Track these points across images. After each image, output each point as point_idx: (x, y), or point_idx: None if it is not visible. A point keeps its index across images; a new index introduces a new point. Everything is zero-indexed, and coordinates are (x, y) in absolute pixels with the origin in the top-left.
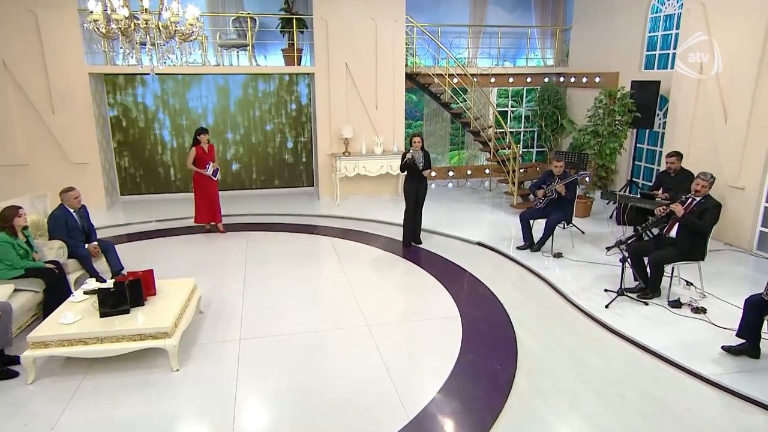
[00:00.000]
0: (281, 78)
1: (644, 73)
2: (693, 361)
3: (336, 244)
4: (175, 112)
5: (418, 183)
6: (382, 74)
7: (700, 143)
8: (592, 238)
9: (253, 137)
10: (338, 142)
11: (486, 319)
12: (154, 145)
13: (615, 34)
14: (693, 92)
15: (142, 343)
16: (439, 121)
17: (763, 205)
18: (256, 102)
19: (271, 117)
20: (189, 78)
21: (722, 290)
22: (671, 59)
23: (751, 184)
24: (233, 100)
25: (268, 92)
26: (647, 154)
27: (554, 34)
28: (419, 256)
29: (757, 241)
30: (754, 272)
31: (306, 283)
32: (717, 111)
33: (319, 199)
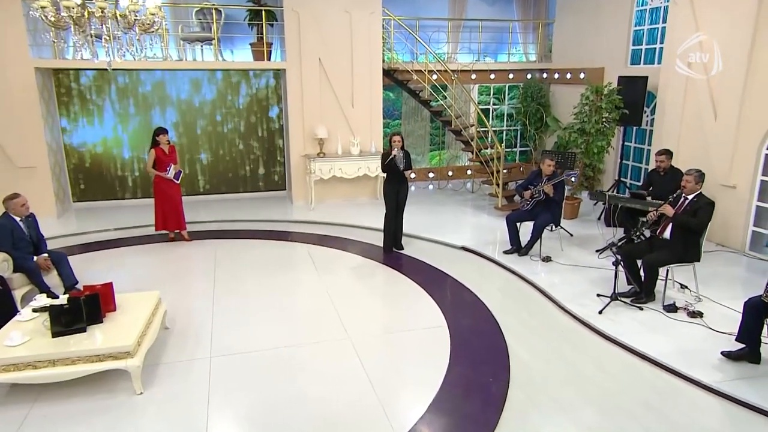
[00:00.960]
0: (250, 74)
1: (630, 69)
2: (692, 368)
3: (312, 252)
4: (133, 111)
5: (399, 185)
6: (358, 70)
7: (690, 141)
8: (581, 241)
9: (219, 137)
10: (312, 143)
11: (475, 328)
12: (111, 147)
13: (600, 28)
14: (681, 88)
15: (101, 364)
16: (418, 119)
17: (755, 203)
18: (222, 100)
19: (239, 116)
20: (149, 74)
21: (717, 292)
22: (658, 54)
23: (743, 182)
24: (197, 98)
25: (236, 89)
26: (635, 153)
27: (536, 29)
28: (401, 263)
29: (750, 241)
30: (748, 273)
31: (281, 294)
32: (706, 107)
33: (293, 204)
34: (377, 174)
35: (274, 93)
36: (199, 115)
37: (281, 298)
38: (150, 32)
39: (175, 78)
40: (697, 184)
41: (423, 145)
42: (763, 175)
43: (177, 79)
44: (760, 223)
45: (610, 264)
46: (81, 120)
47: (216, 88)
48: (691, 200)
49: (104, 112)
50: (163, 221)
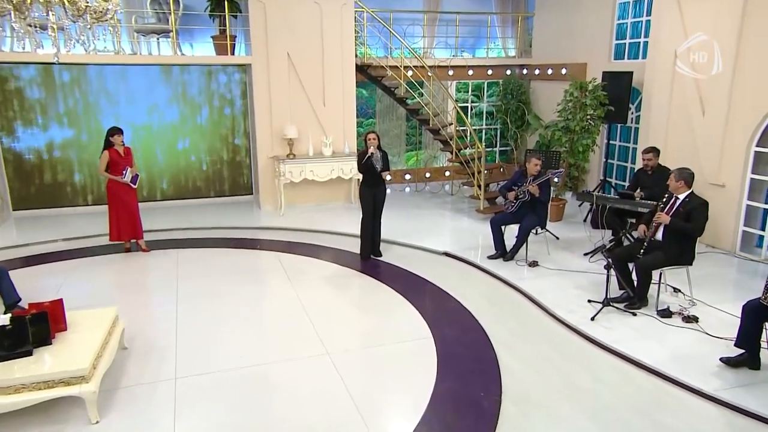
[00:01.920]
0: (212, 70)
1: (614, 64)
2: (690, 375)
3: (283, 260)
4: (82, 109)
5: (376, 187)
6: (329, 65)
7: (677, 138)
8: (567, 244)
9: (178, 138)
10: (281, 143)
11: (462, 339)
12: (56, 149)
13: (581, 22)
14: (668, 83)
15: (51, 391)
16: (393, 118)
17: (745, 203)
18: (182, 97)
19: (201, 115)
20: (100, 69)
21: (710, 296)
22: (643, 48)
23: (732, 180)
24: (154, 95)
25: (197, 85)
26: (620, 151)
27: (516, 22)
28: (380, 270)
29: (740, 241)
30: (741, 275)
31: (251, 307)
32: (694, 103)
33: (260, 209)
34: (351, 176)
35: (239, 90)
36: (157, 114)
37: (252, 312)
38: (103, 21)
39: (129, 74)
40: (678, 182)
41: (399, 145)
42: (753, 173)
43: (131, 75)
44: (749, 223)
45: (601, 268)
46: (21, 120)
47: (174, 84)
48: (682, 200)
49: (48, 110)
50: (118, 230)
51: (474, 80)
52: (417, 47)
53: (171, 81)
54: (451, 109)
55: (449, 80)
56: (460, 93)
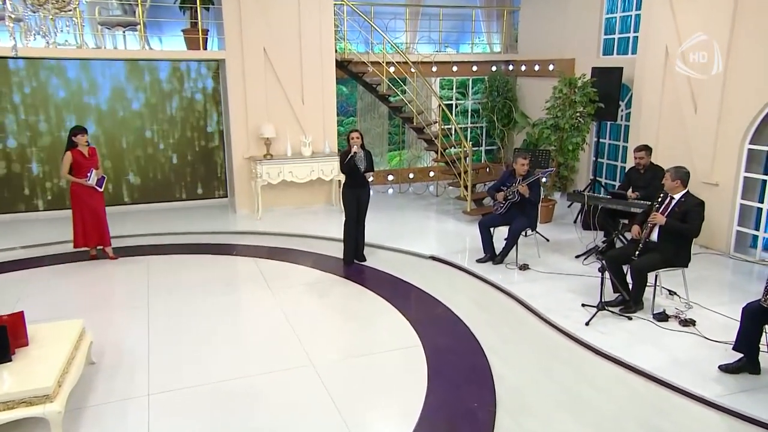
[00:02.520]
0: (184, 65)
1: (603, 60)
2: (690, 381)
3: (262, 266)
4: (42, 107)
5: (360, 189)
6: (308, 61)
7: (669, 136)
8: (558, 246)
9: (148, 139)
10: (258, 143)
11: (453, 346)
12: (14, 150)
13: (569, 16)
14: (659, 80)
15: (12, 412)
16: (375, 116)
17: (739, 202)
18: (151, 96)
19: (172, 113)
20: (61, 64)
21: (706, 298)
22: (632, 43)
23: (726, 179)
24: (120, 93)
25: (167, 82)
26: (609, 150)
27: (501, 16)
28: (365, 276)
29: (734, 242)
30: (736, 277)
31: (229, 317)
32: (685, 99)
33: (236, 213)
34: (332, 177)
35: (212, 87)
36: (124, 113)
37: (229, 322)
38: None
39: (92, 69)
40: (674, 181)
41: (381, 144)
42: (747, 171)
43: (95, 70)
44: (743, 223)
45: (594, 271)
46: None
47: (143, 81)
48: (678, 200)
49: (4, 107)
50: (83, 236)
51: (458, 77)
52: (399, 42)
53: (139, 77)
54: (435, 107)
55: (433, 77)
56: (444, 90)
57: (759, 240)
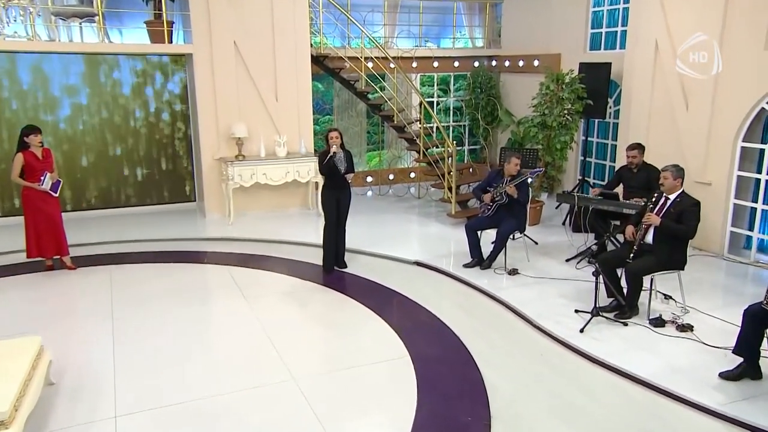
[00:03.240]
0: (148, 60)
1: (590, 55)
2: (691, 389)
3: (235, 275)
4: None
5: (340, 191)
6: (282, 56)
7: (660, 134)
8: (548, 249)
9: (109, 139)
10: (229, 144)
11: (442, 356)
12: None
13: (554, 10)
14: (648, 75)
15: None
16: (352, 115)
17: (733, 201)
18: (112, 92)
19: (134, 111)
20: (9, 57)
21: (702, 302)
22: (621, 37)
23: (719, 178)
24: (78, 89)
25: (128, 78)
26: (597, 149)
27: (483, 10)
28: (346, 283)
29: (728, 243)
30: (731, 279)
31: (201, 330)
32: (677, 96)
33: (206, 217)
34: (309, 179)
35: (179, 83)
36: (82, 110)
37: (202, 336)
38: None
39: (46, 63)
40: (676, 180)
41: (359, 144)
42: (740, 170)
43: (49, 65)
44: (737, 223)
45: (585, 275)
46: None
47: (102, 76)
48: (673, 201)
49: None
50: (37, 245)
51: (440, 73)
52: (378, 36)
53: (98, 73)
54: (416, 104)
55: (413, 72)
56: (424, 87)
57: (753, 241)
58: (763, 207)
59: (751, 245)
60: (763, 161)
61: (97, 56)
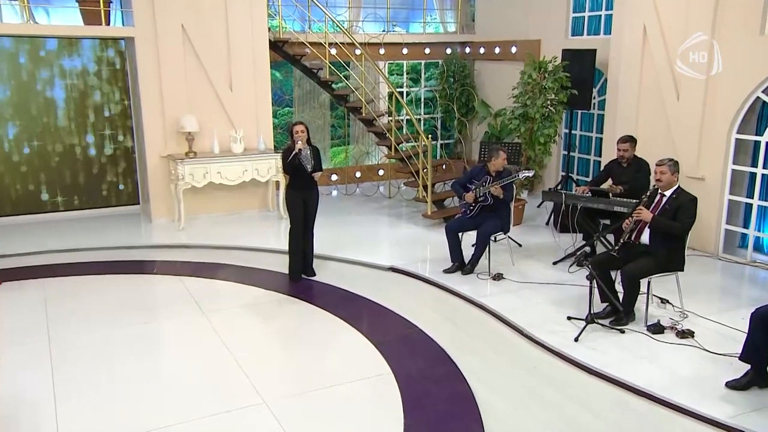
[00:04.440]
0: (81, 44)
1: (572, 41)
2: (698, 401)
3: (190, 286)
4: None
5: (306, 191)
6: (236, 41)
7: (650, 126)
8: (533, 251)
9: (36, 133)
10: (178, 139)
11: (428, 372)
12: None
13: None
14: (636, 62)
15: None
16: (315, 106)
17: (727, 197)
18: (36, 80)
19: (65, 103)
20: None
21: (700, 306)
22: (605, 22)
23: (712, 173)
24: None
25: (57, 65)
26: (581, 142)
27: None
28: (316, 293)
29: (723, 241)
30: (728, 280)
31: (155, 350)
32: (667, 85)
33: (151, 222)
34: (269, 178)
35: (119, 71)
36: (2, 101)
37: (156, 356)
38: None
39: None
40: (674, 175)
41: (323, 139)
42: (734, 163)
43: None
44: (732, 220)
45: (575, 279)
46: None
47: (27, 61)
48: (669, 197)
49: None
50: None
51: (409, 60)
52: (342, 20)
53: (22, 57)
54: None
55: (381, 60)
56: (393, 76)
57: (750, 239)
58: (760, 203)
59: (747, 244)
60: (758, 154)
61: (21, 39)
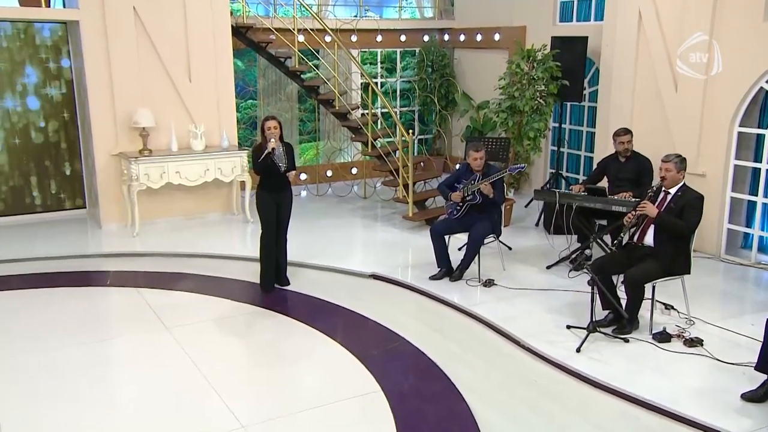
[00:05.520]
0: (17, 28)
1: (560, 27)
2: (713, 415)
3: (150, 299)
4: None
5: (280, 193)
6: (195, 26)
7: (646, 119)
8: (523, 255)
9: None
10: (130, 135)
11: (421, 389)
12: None
13: None
14: (631, 51)
15: None
16: (281, 99)
17: (729, 195)
18: None
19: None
20: None
21: (706, 311)
22: (596, 7)
23: (713, 169)
24: None
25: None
26: (571, 137)
27: None
28: (291, 304)
29: (726, 242)
30: (733, 284)
31: (115, 372)
32: (664, 75)
33: (101, 228)
34: (234, 177)
35: (62, 59)
36: None
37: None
38: None
39: None
40: (680, 173)
41: (291, 134)
42: (737, 158)
43: None
44: (734, 219)
45: (569, 284)
46: None
47: None
48: (674, 195)
49: None
50: None
51: (384, 48)
52: (311, 2)
53: None
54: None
55: (353, 48)
56: (366, 66)
57: (754, 239)
58: (764, 200)
59: (751, 244)
60: (762, 148)
61: None
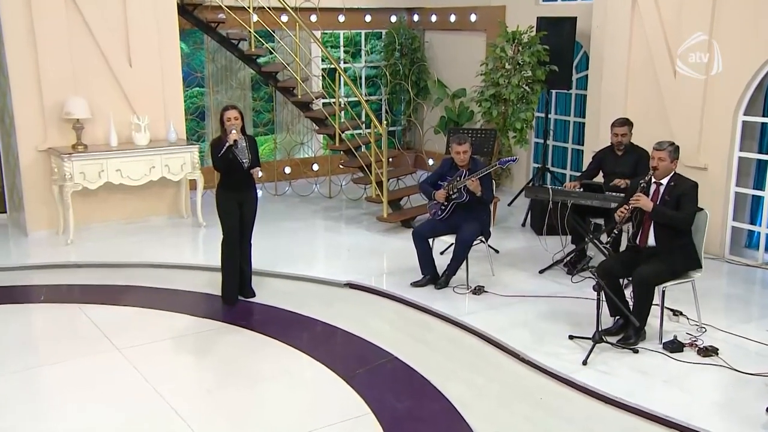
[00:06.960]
0: None
1: (544, 7)
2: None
3: (94, 316)
4: None
5: (243, 192)
6: (135, 3)
7: (642, 108)
8: (512, 258)
9: None
10: (62, 128)
11: (415, 410)
12: None
13: None
14: (625, 33)
15: None
16: (233, 86)
17: (734, 189)
18: None
19: None
20: None
21: (714, 317)
22: None
23: (716, 161)
24: None
25: None
26: (556, 127)
27: None
28: (259, 318)
29: (730, 241)
30: (741, 287)
31: (59, 403)
32: (662, 60)
33: (27, 236)
34: (183, 176)
35: None
36: None
37: (60, 410)
38: None
39: None
40: (673, 162)
41: None
42: (741, 150)
43: None
44: (738, 216)
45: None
46: None
47: None
48: (667, 185)
49: None
50: None
51: (347, 30)
52: None
53: None
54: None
55: (313, 29)
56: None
57: (761, 238)
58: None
59: (758, 243)
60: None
61: None
